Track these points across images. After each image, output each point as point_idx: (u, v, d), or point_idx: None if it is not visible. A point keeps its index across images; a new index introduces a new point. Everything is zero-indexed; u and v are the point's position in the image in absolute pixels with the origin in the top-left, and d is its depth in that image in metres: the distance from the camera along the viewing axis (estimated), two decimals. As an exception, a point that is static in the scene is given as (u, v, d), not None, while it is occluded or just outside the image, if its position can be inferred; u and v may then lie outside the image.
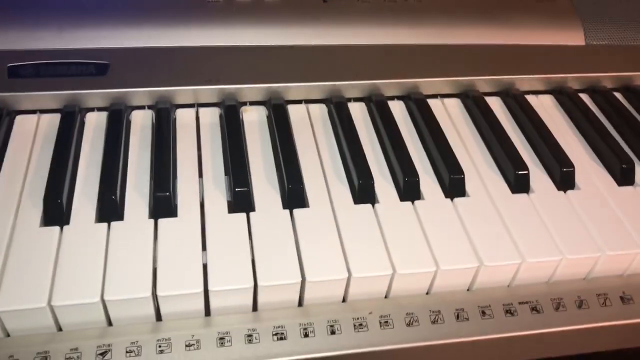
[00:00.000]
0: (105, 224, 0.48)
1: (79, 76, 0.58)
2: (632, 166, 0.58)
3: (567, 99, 0.66)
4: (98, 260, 0.46)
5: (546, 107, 0.66)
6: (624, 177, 0.58)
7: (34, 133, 0.56)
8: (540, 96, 0.67)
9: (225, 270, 0.46)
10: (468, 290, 0.50)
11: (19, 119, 0.57)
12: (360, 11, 0.67)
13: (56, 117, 0.57)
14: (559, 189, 0.56)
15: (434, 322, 0.48)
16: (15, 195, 0.50)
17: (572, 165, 0.57)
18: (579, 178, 0.57)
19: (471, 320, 0.48)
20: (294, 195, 0.52)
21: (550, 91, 0.68)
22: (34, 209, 0.49)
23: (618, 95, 0.68)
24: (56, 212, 0.49)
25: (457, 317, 0.48)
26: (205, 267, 0.46)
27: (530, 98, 0.66)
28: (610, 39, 0.71)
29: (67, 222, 0.48)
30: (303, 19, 0.66)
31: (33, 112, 0.58)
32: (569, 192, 0.56)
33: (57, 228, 0.48)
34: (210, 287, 0.45)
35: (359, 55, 0.64)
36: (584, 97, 0.67)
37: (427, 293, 0.50)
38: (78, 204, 0.50)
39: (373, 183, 0.53)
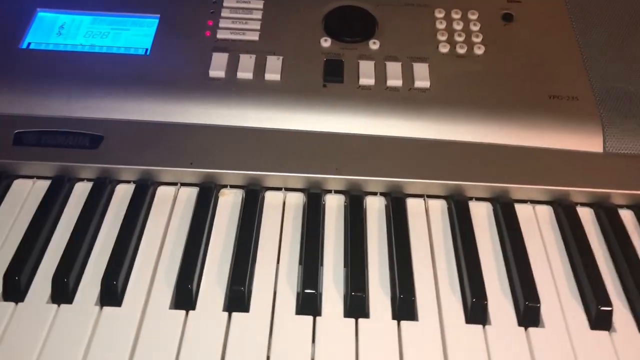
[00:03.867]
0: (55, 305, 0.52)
1: (74, 147, 0.62)
2: (606, 312, 0.53)
3: (563, 214, 0.61)
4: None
5: (540, 221, 0.62)
6: (597, 320, 0.53)
7: (24, 198, 0.61)
8: (538, 207, 0.63)
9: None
10: None
11: (16, 182, 0.63)
12: (358, 98, 0.66)
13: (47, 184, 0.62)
14: (519, 324, 0.53)
15: None
16: None
17: (538, 301, 0.53)
18: (548, 314, 0.53)
19: None
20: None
21: (550, 202, 0.63)
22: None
23: (628, 213, 0.62)
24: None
25: None
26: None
27: (525, 208, 0.62)
28: (633, 149, 0.65)
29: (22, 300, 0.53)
30: (300, 103, 0.66)
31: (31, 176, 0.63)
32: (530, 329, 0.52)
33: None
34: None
35: (348, 145, 0.64)
36: (586, 212, 0.62)
37: None
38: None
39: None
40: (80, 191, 0.62)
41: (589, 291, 0.54)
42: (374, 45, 0.71)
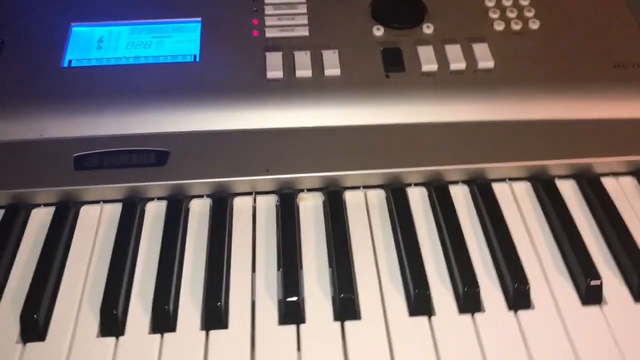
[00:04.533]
0: (158, 335, 0.49)
1: (140, 166, 0.59)
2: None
3: (651, 185, 0.60)
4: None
5: (627, 193, 0.60)
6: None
7: (96, 225, 0.58)
8: (621, 178, 0.62)
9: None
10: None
11: (84, 209, 0.59)
12: (423, 85, 0.64)
13: (118, 207, 0.59)
14: (637, 300, 0.52)
15: None
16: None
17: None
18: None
19: None
20: (345, 306, 0.50)
21: (633, 172, 0.62)
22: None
23: None
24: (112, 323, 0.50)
25: None
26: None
27: (609, 181, 0.61)
28: None
29: (123, 333, 0.50)
30: (365, 96, 0.64)
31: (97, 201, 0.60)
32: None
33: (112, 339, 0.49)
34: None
35: (419, 136, 0.62)
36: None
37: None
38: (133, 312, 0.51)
39: (429, 293, 0.51)
40: (154, 211, 0.59)
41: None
42: (427, 29, 0.68)
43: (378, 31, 0.68)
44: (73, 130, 0.61)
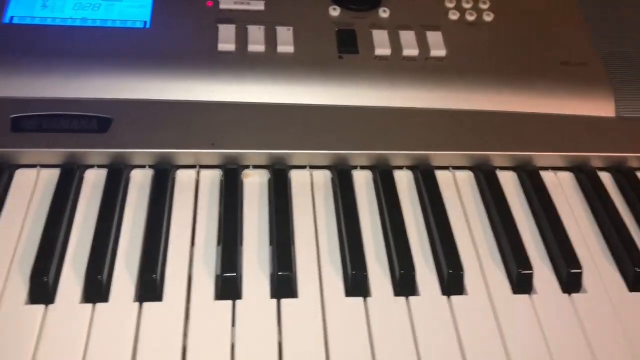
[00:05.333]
0: (90, 305, 0.48)
1: (81, 132, 0.57)
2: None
3: (586, 180, 0.62)
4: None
5: (564, 187, 0.62)
6: (636, 282, 0.55)
7: (32, 189, 0.56)
8: (560, 173, 0.63)
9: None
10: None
11: (19, 172, 0.57)
12: (375, 69, 0.64)
13: (55, 173, 0.57)
14: (564, 291, 0.54)
15: None
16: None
17: (580, 267, 0.54)
18: (587, 278, 0.54)
19: None
20: (282, 284, 0.51)
21: (570, 168, 0.64)
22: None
23: (646, 175, 0.64)
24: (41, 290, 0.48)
25: None
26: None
27: (548, 175, 0.63)
28: (645, 112, 0.66)
29: (52, 301, 0.48)
30: (317, 75, 0.63)
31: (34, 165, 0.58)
32: (574, 295, 0.53)
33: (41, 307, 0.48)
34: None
35: (368, 119, 0.62)
36: (605, 175, 0.64)
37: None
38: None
39: (366, 274, 0.52)
40: (93, 179, 0.57)
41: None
42: (383, 13, 0.68)
43: (334, 11, 0.68)
44: (11, 90, 0.59)
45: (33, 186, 0.56)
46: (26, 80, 0.59)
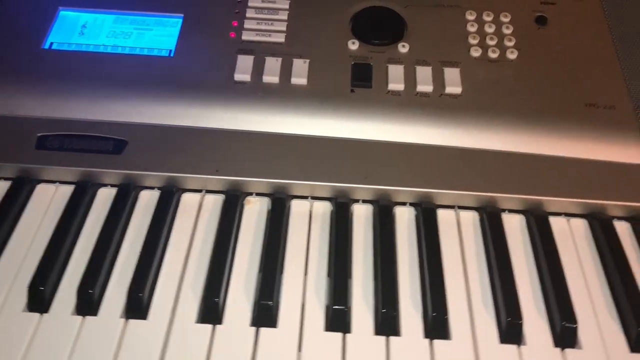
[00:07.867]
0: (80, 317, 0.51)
1: (98, 152, 0.61)
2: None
3: (599, 228, 0.59)
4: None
5: (575, 234, 0.60)
6: (638, 342, 0.51)
7: (48, 203, 0.60)
8: (573, 220, 0.61)
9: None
10: None
11: (39, 187, 0.61)
12: (386, 104, 0.64)
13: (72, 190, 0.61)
14: (556, 345, 0.51)
15: None
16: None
17: (576, 321, 0.51)
18: (584, 333, 0.52)
19: None
20: (263, 312, 0.51)
21: (585, 215, 0.61)
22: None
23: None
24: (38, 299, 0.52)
25: None
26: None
27: (560, 221, 0.60)
28: (674, 160, 0.62)
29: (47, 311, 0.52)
30: (327, 108, 0.64)
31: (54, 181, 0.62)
32: (568, 350, 0.51)
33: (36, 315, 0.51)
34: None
35: (374, 153, 0.62)
36: (624, 225, 0.60)
37: None
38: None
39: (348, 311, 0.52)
40: (104, 197, 0.60)
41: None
42: (403, 48, 0.69)
43: (353, 45, 0.69)
44: (41, 110, 0.63)
45: (49, 201, 0.60)
46: (55, 102, 0.64)
